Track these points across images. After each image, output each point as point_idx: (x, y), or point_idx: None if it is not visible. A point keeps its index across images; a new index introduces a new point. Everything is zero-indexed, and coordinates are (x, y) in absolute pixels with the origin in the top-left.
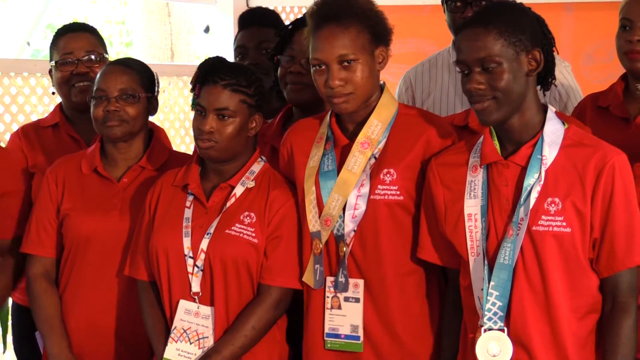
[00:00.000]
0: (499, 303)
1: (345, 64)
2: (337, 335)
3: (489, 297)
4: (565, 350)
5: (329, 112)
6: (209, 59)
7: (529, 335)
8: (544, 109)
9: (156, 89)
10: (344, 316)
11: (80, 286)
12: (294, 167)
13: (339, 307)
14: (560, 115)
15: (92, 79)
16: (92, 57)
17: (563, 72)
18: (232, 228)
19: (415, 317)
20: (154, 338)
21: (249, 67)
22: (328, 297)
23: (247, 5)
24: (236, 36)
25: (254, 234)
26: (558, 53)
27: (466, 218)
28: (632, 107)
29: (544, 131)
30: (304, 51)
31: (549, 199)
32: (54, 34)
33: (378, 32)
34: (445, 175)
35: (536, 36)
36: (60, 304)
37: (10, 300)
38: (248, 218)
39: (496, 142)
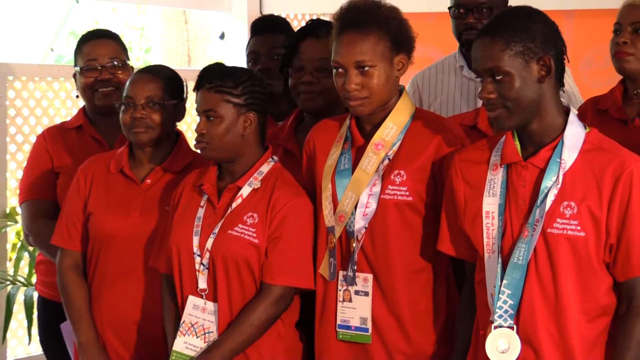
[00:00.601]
0: (510, 301)
1: (363, 69)
2: (348, 327)
3: (500, 295)
4: (573, 352)
5: (350, 114)
6: (207, 66)
7: (537, 335)
8: (565, 112)
9: (185, 95)
10: (354, 309)
11: (103, 282)
12: (315, 164)
13: (350, 300)
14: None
15: (115, 84)
16: (115, 63)
17: (564, 77)
18: (235, 229)
19: (422, 313)
20: (168, 329)
21: (241, 69)
22: (340, 290)
23: (261, 12)
24: (248, 42)
25: (254, 235)
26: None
27: (484, 215)
28: (630, 110)
29: (565, 135)
30: (312, 60)
31: (565, 203)
32: (78, 40)
33: (399, 40)
34: (467, 172)
35: (548, 42)
36: (88, 296)
37: (35, 294)
38: (251, 219)
39: (517, 143)
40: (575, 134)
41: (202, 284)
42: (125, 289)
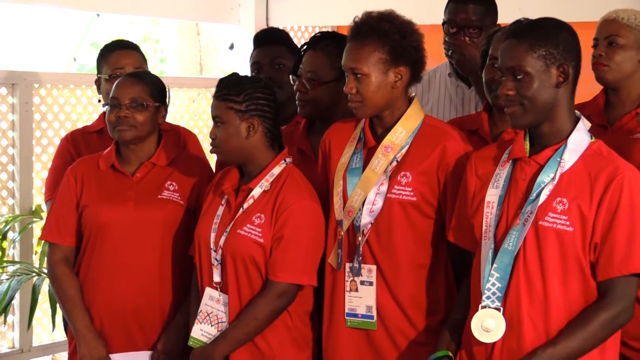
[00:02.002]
0: (498, 284)
1: (357, 76)
2: (355, 315)
3: (490, 278)
4: (550, 337)
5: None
6: (225, 76)
7: (521, 319)
8: (576, 120)
9: (167, 99)
10: (361, 298)
11: (101, 269)
12: (330, 161)
13: (357, 290)
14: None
15: None
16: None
17: None
18: (243, 228)
19: (423, 302)
20: (190, 317)
21: (249, 78)
22: (347, 280)
23: (267, 24)
24: (252, 54)
25: (260, 234)
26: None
27: (485, 205)
28: (610, 115)
29: (569, 139)
30: (305, 70)
31: (558, 199)
32: (102, 49)
33: (397, 53)
34: (480, 167)
35: (569, 52)
36: (80, 286)
37: None
38: (258, 219)
39: (527, 143)
40: (580, 140)
41: (217, 277)
42: (122, 277)
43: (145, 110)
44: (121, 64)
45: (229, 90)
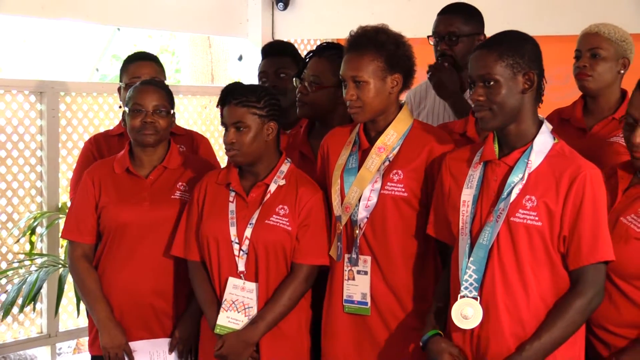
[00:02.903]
0: (475, 276)
1: (357, 83)
2: (352, 301)
3: (467, 270)
4: (524, 324)
5: (359, 122)
6: (228, 85)
7: (497, 306)
8: (540, 124)
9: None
10: (357, 286)
11: (120, 263)
12: (329, 163)
13: (353, 278)
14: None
15: None
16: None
17: None
18: (270, 219)
19: (414, 289)
20: (207, 308)
21: (259, 86)
22: (346, 270)
23: (273, 38)
24: (260, 64)
25: (287, 223)
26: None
27: (461, 204)
28: (589, 120)
29: (535, 141)
30: (309, 74)
31: (527, 196)
32: (124, 59)
33: (393, 62)
34: (454, 168)
35: (534, 61)
36: (99, 279)
37: None
38: (282, 210)
39: (496, 146)
40: (544, 142)
41: (241, 267)
42: (139, 270)
43: (167, 116)
44: (138, 73)
45: (247, 97)
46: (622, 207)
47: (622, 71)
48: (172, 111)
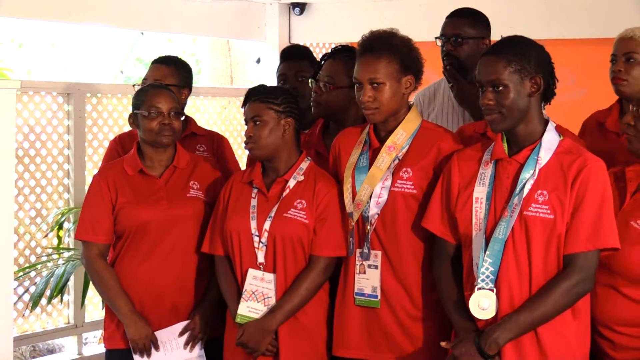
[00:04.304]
0: (491, 268)
1: (375, 85)
2: (363, 294)
3: (483, 263)
4: None
5: (369, 123)
6: (253, 87)
7: (512, 296)
8: (545, 123)
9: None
10: (367, 279)
11: (141, 259)
12: (340, 162)
13: (364, 272)
14: (559, 128)
15: None
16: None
17: None
18: (289, 212)
19: (422, 282)
20: (229, 298)
21: (280, 87)
22: (357, 264)
23: (289, 42)
24: (278, 67)
25: (305, 217)
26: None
27: (474, 201)
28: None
29: (543, 139)
30: (324, 75)
31: (539, 191)
32: (151, 62)
33: (407, 64)
34: (463, 166)
35: (540, 65)
36: (116, 276)
37: None
38: (300, 204)
39: (505, 145)
40: (551, 139)
41: (261, 258)
42: (158, 266)
43: (179, 118)
44: (147, 75)
45: (266, 95)
46: (631, 209)
47: None
48: (184, 113)
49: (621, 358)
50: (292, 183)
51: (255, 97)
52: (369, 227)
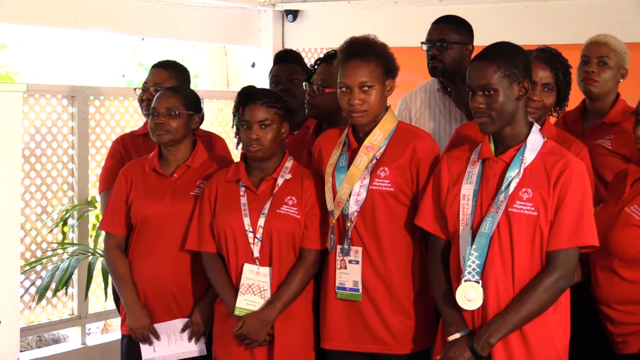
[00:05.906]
0: (477, 262)
1: (365, 88)
2: (344, 288)
3: (470, 257)
4: None
5: (349, 125)
6: (245, 87)
7: (497, 288)
8: (530, 125)
9: (201, 108)
10: (349, 274)
11: (145, 252)
12: (322, 163)
13: (345, 267)
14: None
15: None
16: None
17: None
18: (281, 208)
19: (401, 276)
20: (224, 293)
21: (273, 90)
22: (338, 260)
23: (283, 47)
24: (271, 69)
25: (297, 212)
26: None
27: (461, 198)
28: (585, 124)
29: (527, 140)
30: (317, 79)
31: (524, 189)
32: (151, 66)
33: (389, 68)
34: (452, 165)
35: (526, 71)
36: (129, 267)
37: None
38: (291, 201)
39: (492, 145)
40: (536, 140)
41: (256, 253)
42: (159, 260)
43: (177, 117)
44: (147, 79)
45: (269, 98)
46: (628, 198)
47: (620, 80)
48: (187, 113)
49: (619, 332)
50: (280, 181)
51: (261, 100)
52: (349, 224)
